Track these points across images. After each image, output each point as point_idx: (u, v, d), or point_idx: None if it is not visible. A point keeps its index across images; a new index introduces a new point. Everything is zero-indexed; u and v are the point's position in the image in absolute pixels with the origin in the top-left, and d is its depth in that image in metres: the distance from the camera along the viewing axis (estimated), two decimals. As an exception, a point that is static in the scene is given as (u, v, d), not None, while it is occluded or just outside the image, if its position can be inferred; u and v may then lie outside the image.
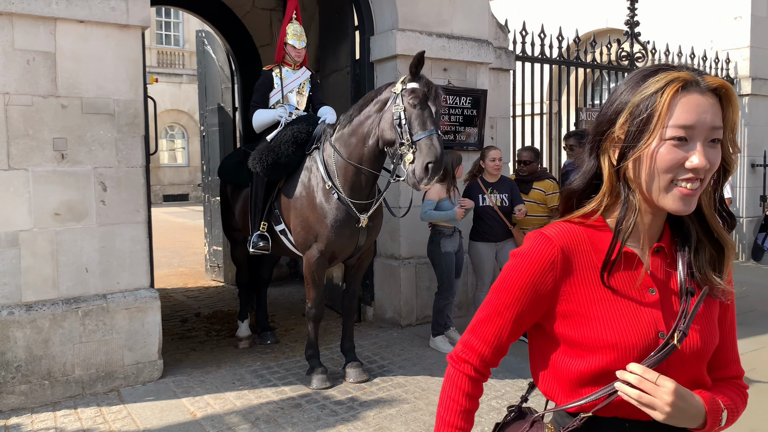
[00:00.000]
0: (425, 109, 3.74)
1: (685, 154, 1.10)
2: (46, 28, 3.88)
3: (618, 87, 1.20)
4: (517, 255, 1.26)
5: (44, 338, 3.92)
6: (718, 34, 9.55)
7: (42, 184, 3.92)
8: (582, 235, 1.23)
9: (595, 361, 1.18)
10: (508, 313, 1.25)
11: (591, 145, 1.23)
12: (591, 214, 1.23)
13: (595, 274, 1.20)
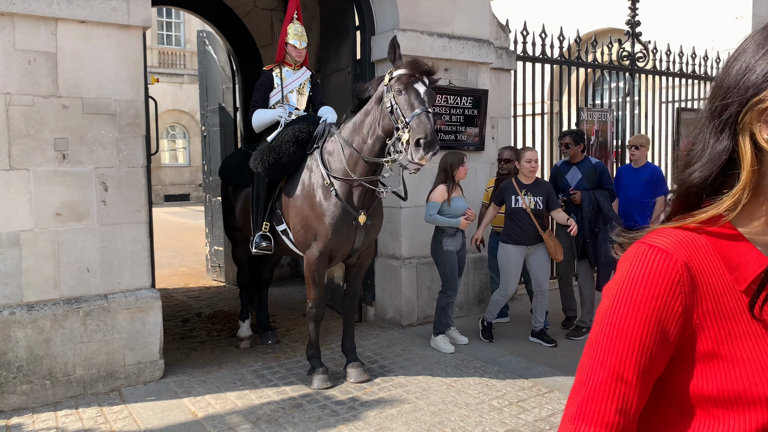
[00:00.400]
0: (411, 91, 3.80)
1: None
2: (47, 28, 3.89)
3: (746, 43, 0.87)
4: (621, 283, 0.86)
5: (45, 338, 3.92)
6: (720, 33, 9.55)
7: (43, 184, 3.92)
8: (707, 246, 0.88)
9: (746, 424, 0.83)
10: (630, 371, 0.84)
11: (720, 119, 0.87)
12: (717, 219, 0.88)
13: (733, 300, 0.86)
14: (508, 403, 3.93)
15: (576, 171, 5.49)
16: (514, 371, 4.51)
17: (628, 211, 5.93)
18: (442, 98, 5.71)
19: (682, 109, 8.82)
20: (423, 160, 3.67)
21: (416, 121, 3.69)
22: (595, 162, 5.57)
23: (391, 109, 3.83)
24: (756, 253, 0.87)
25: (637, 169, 6.05)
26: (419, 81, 3.83)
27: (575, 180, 5.46)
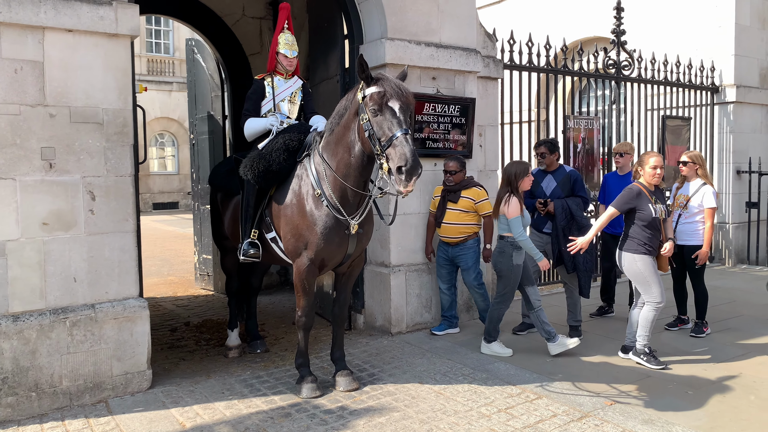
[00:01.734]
0: (386, 111, 3.67)
1: None
2: (34, 37, 3.87)
3: None
4: None
5: (31, 349, 3.89)
6: (703, 42, 9.68)
7: (30, 193, 3.90)
8: None
9: None
10: None
11: None
12: None
13: None
14: (496, 410, 3.94)
15: (551, 179, 5.57)
16: (503, 378, 4.52)
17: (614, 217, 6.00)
18: (430, 106, 5.75)
19: (667, 117, 8.93)
20: (409, 188, 3.58)
21: (394, 149, 3.57)
22: (569, 170, 5.65)
23: (369, 133, 3.73)
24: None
25: (623, 176, 6.10)
26: (393, 97, 3.68)
27: (550, 188, 5.54)
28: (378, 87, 3.72)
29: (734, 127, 9.60)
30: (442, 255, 5.61)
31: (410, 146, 3.57)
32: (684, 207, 5.61)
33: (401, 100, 3.70)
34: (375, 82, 3.77)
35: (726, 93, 9.52)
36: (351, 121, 3.94)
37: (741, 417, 3.86)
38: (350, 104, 3.96)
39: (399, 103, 3.69)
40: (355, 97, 3.90)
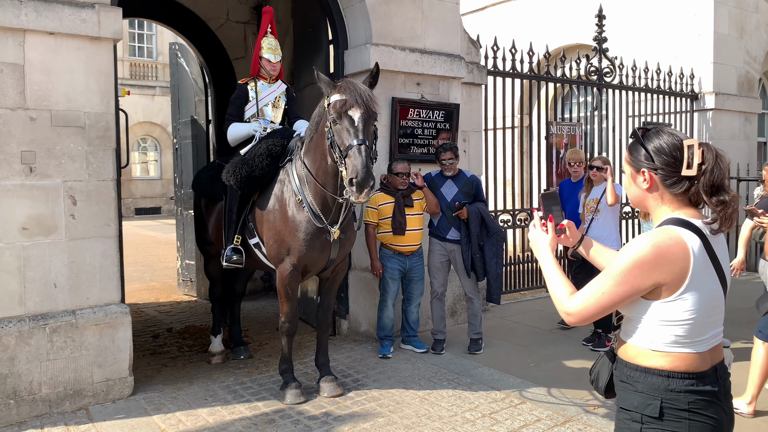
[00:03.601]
0: (345, 119, 3.65)
1: None
2: (14, 39, 3.83)
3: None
4: None
5: (10, 356, 3.82)
6: (683, 50, 9.85)
7: (9, 197, 3.84)
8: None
9: None
10: None
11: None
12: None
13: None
14: (480, 415, 3.95)
15: (452, 184, 5.29)
16: (487, 383, 4.54)
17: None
18: (414, 112, 5.77)
19: (647, 123, 9.05)
20: (360, 199, 3.59)
21: (349, 159, 3.58)
22: (470, 175, 5.43)
23: (330, 141, 3.73)
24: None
25: (576, 183, 5.95)
26: (354, 105, 3.63)
27: (451, 193, 5.26)
28: (340, 94, 3.69)
29: (713, 134, 9.75)
30: (396, 267, 5.19)
31: (363, 158, 3.54)
32: (596, 211, 5.42)
33: (362, 108, 3.64)
34: (338, 89, 3.72)
35: (705, 100, 9.68)
36: (324, 128, 3.93)
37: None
38: (323, 111, 3.94)
39: (360, 112, 3.64)
40: (323, 103, 3.89)
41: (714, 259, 1.69)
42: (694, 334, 1.68)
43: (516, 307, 6.97)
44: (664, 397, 1.67)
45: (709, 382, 1.68)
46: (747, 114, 10.24)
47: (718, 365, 1.73)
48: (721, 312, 1.75)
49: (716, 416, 1.67)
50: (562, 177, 7.78)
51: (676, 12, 10.02)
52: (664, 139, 1.73)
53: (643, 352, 1.72)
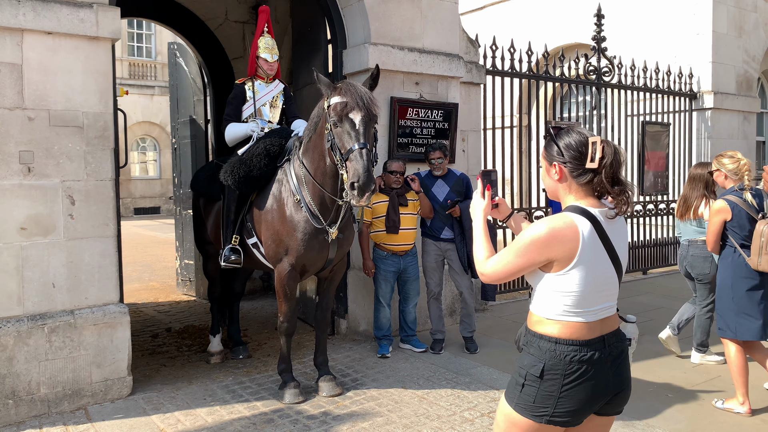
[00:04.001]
0: (346, 122, 3.63)
1: None
2: (12, 39, 3.82)
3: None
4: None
5: (8, 356, 3.82)
6: (682, 49, 9.85)
7: (7, 197, 3.84)
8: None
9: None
10: None
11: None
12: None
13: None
14: (479, 415, 3.95)
15: (443, 184, 5.26)
16: (485, 382, 4.54)
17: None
18: (413, 112, 5.77)
19: (646, 123, 9.06)
20: (361, 203, 3.59)
21: (350, 163, 3.57)
22: (459, 174, 5.40)
23: (331, 143, 3.72)
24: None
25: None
26: (355, 108, 3.61)
27: (443, 192, 5.23)
28: (340, 97, 3.66)
29: (712, 133, 9.76)
30: (390, 268, 5.15)
31: (364, 162, 3.54)
32: None
33: (363, 111, 3.62)
34: (338, 91, 3.70)
35: (704, 99, 9.69)
36: (323, 129, 3.91)
37: (720, 419, 3.92)
38: (322, 112, 3.93)
39: (360, 115, 3.62)
40: (323, 105, 3.88)
41: (606, 242, 1.96)
42: (583, 305, 1.94)
43: (513, 307, 6.97)
44: (548, 360, 1.94)
45: (594, 350, 1.94)
46: (746, 113, 10.25)
47: (608, 335, 1.98)
48: (612, 288, 2.01)
49: (591, 380, 1.92)
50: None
51: (674, 11, 10.03)
52: (573, 137, 1.98)
53: (540, 320, 2.00)
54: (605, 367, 1.95)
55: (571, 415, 1.94)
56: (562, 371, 1.92)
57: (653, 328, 5.92)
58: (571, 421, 1.95)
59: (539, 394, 1.94)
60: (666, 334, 5.19)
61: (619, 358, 2.00)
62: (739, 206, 3.94)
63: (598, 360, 1.93)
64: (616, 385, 1.99)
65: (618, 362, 1.99)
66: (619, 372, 1.99)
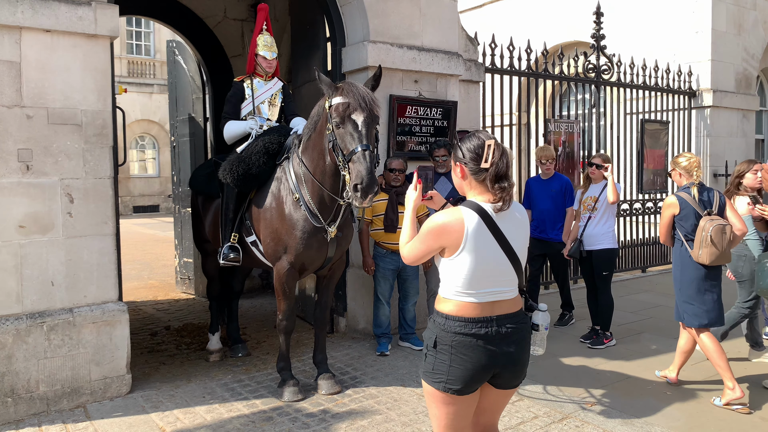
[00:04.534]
0: (348, 123, 3.61)
1: None
2: (11, 37, 3.82)
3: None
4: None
5: (7, 354, 3.82)
6: (681, 47, 9.85)
7: (6, 195, 3.84)
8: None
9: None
10: None
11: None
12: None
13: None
14: (478, 412, 3.96)
15: (445, 181, 5.32)
16: (485, 380, 4.54)
17: (540, 222, 5.86)
18: (412, 109, 5.76)
19: (645, 121, 9.06)
20: (363, 204, 3.58)
21: (353, 164, 3.55)
22: None
23: (332, 144, 3.71)
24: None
25: (546, 180, 5.92)
26: (357, 109, 3.59)
27: (446, 190, 5.26)
28: (342, 97, 3.64)
29: (711, 131, 9.76)
30: (390, 266, 5.17)
31: (367, 164, 3.53)
32: (593, 209, 5.41)
33: (365, 113, 3.60)
34: (340, 92, 3.67)
35: (703, 97, 9.69)
36: (323, 128, 3.90)
37: (719, 417, 3.92)
38: (322, 111, 3.92)
39: (363, 116, 3.60)
40: (324, 104, 3.86)
41: (497, 233, 2.23)
42: (472, 287, 2.22)
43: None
44: (439, 333, 2.25)
45: (482, 327, 2.21)
46: (745, 111, 10.25)
47: (501, 316, 2.24)
48: (504, 274, 2.26)
49: (476, 354, 2.20)
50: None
51: (674, 9, 10.02)
52: (473, 141, 2.27)
53: (439, 299, 2.31)
54: (493, 343, 2.21)
55: (462, 383, 2.22)
56: (450, 342, 2.21)
57: (652, 326, 5.94)
58: (463, 389, 2.22)
59: (436, 363, 2.24)
60: (757, 355, 5.06)
61: (511, 338, 2.25)
62: (687, 202, 4.18)
63: (485, 336, 2.20)
64: (505, 361, 2.24)
65: (509, 340, 2.24)
66: (509, 349, 2.24)
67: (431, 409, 2.33)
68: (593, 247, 5.40)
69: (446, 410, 2.27)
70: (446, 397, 2.25)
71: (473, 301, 2.23)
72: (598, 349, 5.30)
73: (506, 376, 2.29)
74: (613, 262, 5.51)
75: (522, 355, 2.28)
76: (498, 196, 2.21)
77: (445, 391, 2.23)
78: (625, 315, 6.40)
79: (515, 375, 2.31)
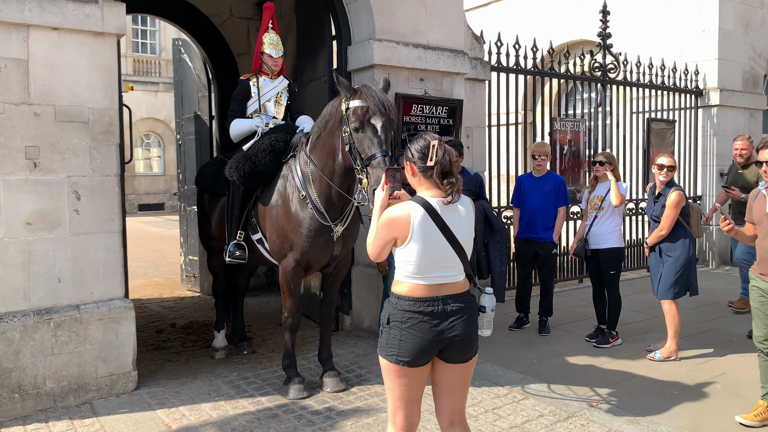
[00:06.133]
0: (368, 128, 3.59)
1: None
2: (18, 34, 3.83)
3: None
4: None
5: (14, 350, 3.84)
6: (688, 45, 9.80)
7: (13, 192, 3.86)
8: None
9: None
10: None
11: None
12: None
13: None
14: (483, 411, 3.96)
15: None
16: (489, 378, 4.54)
17: (530, 221, 5.77)
18: (417, 107, 5.76)
19: (651, 120, 9.02)
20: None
21: (372, 169, 3.52)
22: (473, 173, 5.39)
23: (350, 147, 3.68)
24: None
25: (539, 178, 5.84)
26: (376, 113, 3.58)
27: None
28: (361, 101, 3.62)
29: (717, 130, 9.72)
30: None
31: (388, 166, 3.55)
32: (599, 208, 5.39)
33: (384, 117, 3.60)
34: (358, 95, 3.66)
35: (710, 96, 9.64)
36: (335, 128, 3.90)
37: (724, 416, 3.91)
38: (335, 111, 3.90)
39: (381, 121, 3.59)
40: (339, 106, 3.83)
41: (442, 225, 2.47)
42: (420, 272, 2.47)
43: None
44: (392, 312, 2.50)
45: (429, 306, 2.45)
46: (752, 110, 10.20)
47: (447, 296, 2.48)
48: (448, 261, 2.50)
49: (422, 329, 2.44)
50: (565, 173, 7.77)
51: (680, 8, 9.98)
52: (420, 142, 2.51)
53: (395, 281, 2.56)
54: (439, 319, 2.45)
55: (411, 355, 2.45)
56: (401, 319, 2.46)
57: (658, 325, 5.92)
58: (413, 361, 2.46)
59: (389, 338, 2.49)
60: None
61: (455, 314, 2.48)
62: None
63: (431, 313, 2.45)
64: (451, 335, 2.47)
65: (454, 317, 2.48)
66: (454, 325, 2.47)
67: (386, 382, 2.55)
68: (599, 246, 5.37)
69: (399, 382, 2.51)
70: (398, 369, 2.48)
71: (422, 283, 2.48)
72: (603, 348, 5.29)
73: (454, 350, 2.50)
74: (620, 261, 5.49)
75: (467, 331, 2.50)
76: (447, 190, 2.46)
77: (397, 363, 2.47)
78: (630, 314, 6.39)
79: (462, 349, 2.51)
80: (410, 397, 2.53)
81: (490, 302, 2.64)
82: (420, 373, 2.51)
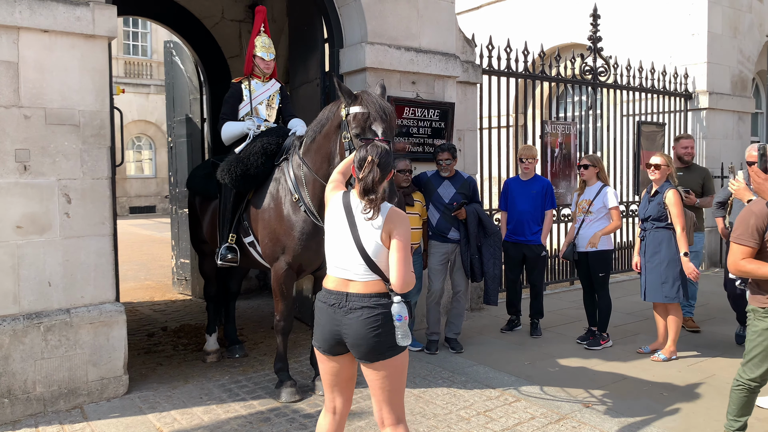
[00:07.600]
0: (369, 135, 3.54)
1: None
2: (8, 37, 3.81)
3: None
4: None
5: (4, 355, 3.81)
6: (677, 49, 9.88)
7: (3, 196, 3.83)
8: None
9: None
10: None
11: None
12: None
13: None
14: (475, 413, 3.97)
15: (449, 185, 5.24)
16: (482, 381, 4.55)
17: (518, 224, 5.77)
18: (409, 111, 5.77)
19: (642, 123, 9.08)
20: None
21: None
22: (467, 176, 5.39)
23: (350, 152, 3.60)
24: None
25: (526, 182, 5.83)
26: (377, 120, 3.53)
27: (449, 194, 5.20)
28: (362, 107, 3.59)
29: (707, 133, 9.80)
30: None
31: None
32: (587, 212, 5.42)
33: (384, 124, 3.57)
34: (359, 102, 3.63)
35: (699, 100, 9.72)
36: (332, 132, 3.88)
37: (715, 418, 3.94)
38: (332, 116, 3.88)
39: (382, 127, 3.56)
40: (338, 111, 3.80)
41: (352, 222, 2.60)
42: (329, 257, 2.69)
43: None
44: (316, 300, 2.72)
45: (332, 298, 2.61)
46: (740, 113, 10.29)
47: (350, 294, 2.58)
48: (351, 257, 2.59)
49: (325, 318, 2.62)
50: (556, 176, 7.81)
51: (670, 12, 10.06)
52: (362, 153, 2.67)
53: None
54: (339, 314, 2.57)
55: (319, 341, 2.65)
56: (317, 306, 2.68)
57: (648, 328, 5.96)
58: (322, 346, 2.65)
59: (315, 325, 2.71)
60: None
61: (355, 314, 2.55)
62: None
63: (333, 305, 2.59)
64: (348, 332, 2.56)
65: (354, 316, 2.55)
66: (352, 323, 2.54)
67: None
68: (588, 249, 5.40)
69: (322, 367, 2.72)
70: (318, 354, 2.70)
71: (331, 275, 2.66)
72: (594, 350, 5.32)
73: (354, 348, 2.59)
74: (609, 263, 5.52)
75: (364, 333, 2.52)
76: (365, 205, 2.57)
77: (315, 346, 2.70)
78: (621, 316, 6.42)
79: (359, 350, 2.57)
80: (333, 384, 2.72)
81: (399, 311, 2.51)
82: (336, 363, 2.67)
